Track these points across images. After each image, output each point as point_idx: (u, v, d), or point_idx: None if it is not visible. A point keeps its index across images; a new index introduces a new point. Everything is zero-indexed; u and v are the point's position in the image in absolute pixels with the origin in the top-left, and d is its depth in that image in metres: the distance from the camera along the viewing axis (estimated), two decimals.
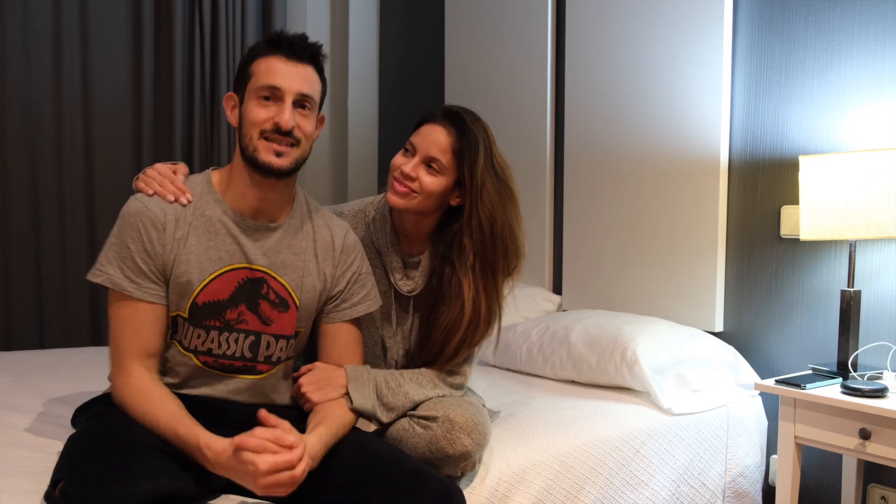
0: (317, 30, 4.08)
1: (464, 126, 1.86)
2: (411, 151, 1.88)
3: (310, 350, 1.89)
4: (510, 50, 3.43)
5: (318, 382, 1.73)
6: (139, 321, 1.63)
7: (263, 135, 1.65)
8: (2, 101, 3.21)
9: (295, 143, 1.67)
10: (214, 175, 1.76)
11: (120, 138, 3.50)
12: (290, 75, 1.64)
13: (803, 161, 2.25)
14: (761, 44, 2.58)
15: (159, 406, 1.54)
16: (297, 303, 1.75)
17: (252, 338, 1.72)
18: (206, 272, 1.66)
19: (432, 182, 1.85)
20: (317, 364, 1.78)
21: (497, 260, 1.87)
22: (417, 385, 1.83)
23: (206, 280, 1.66)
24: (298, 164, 1.70)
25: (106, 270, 1.62)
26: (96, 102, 3.43)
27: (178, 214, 1.67)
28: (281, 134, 1.64)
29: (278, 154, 1.65)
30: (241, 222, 1.70)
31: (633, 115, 2.92)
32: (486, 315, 1.88)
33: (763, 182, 2.59)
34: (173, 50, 3.55)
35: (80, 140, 3.39)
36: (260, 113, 1.64)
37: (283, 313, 1.74)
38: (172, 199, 1.68)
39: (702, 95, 2.68)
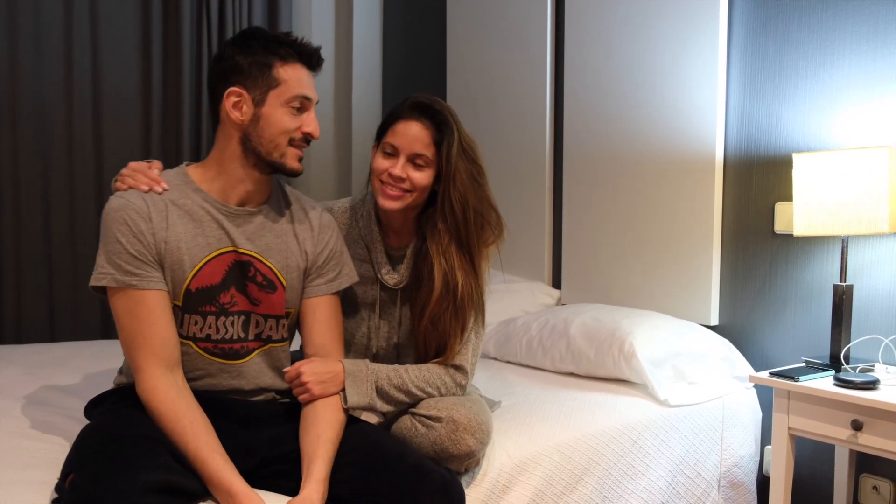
0: (321, 30, 4.11)
1: (438, 116, 1.88)
2: (393, 153, 1.88)
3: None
4: (510, 50, 3.46)
5: (320, 374, 1.71)
6: (152, 313, 1.61)
7: (293, 142, 1.71)
8: (14, 100, 3.25)
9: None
10: (190, 170, 1.76)
11: (129, 136, 3.53)
12: (312, 85, 1.74)
13: (797, 158, 2.26)
14: (756, 44, 2.60)
15: (190, 431, 1.52)
16: (284, 283, 1.77)
17: (243, 317, 1.74)
18: (196, 258, 1.67)
19: (422, 177, 1.87)
20: (314, 358, 1.77)
21: (472, 238, 1.89)
22: (423, 382, 1.83)
23: (198, 266, 1.67)
24: None
25: (107, 271, 1.61)
26: (106, 102, 3.46)
27: (159, 205, 1.67)
28: (305, 141, 1.73)
29: (300, 159, 1.74)
30: (222, 209, 1.72)
31: (630, 114, 2.94)
32: (461, 291, 1.87)
33: (757, 179, 2.61)
34: (181, 49, 3.59)
35: (90, 138, 3.43)
36: (292, 122, 1.70)
37: (270, 294, 1.75)
38: (146, 188, 1.68)
39: (698, 94, 2.71)
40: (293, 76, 1.69)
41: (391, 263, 1.99)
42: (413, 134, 1.86)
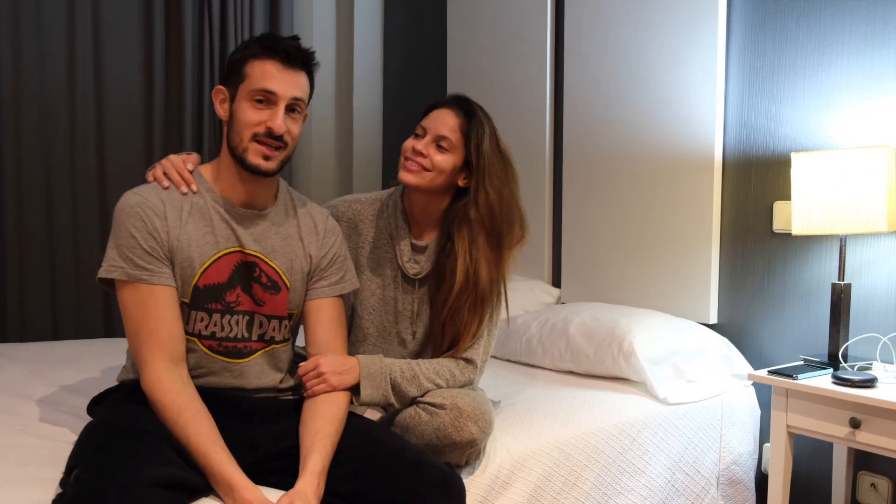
0: (322, 32, 4.12)
1: (471, 108, 1.96)
2: (422, 134, 1.96)
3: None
4: (511, 51, 3.47)
5: (338, 366, 1.75)
6: (160, 308, 1.64)
7: (255, 137, 1.69)
8: (17, 101, 3.27)
9: (283, 146, 1.72)
10: (202, 169, 1.80)
11: (131, 136, 3.55)
12: (285, 81, 1.69)
13: (795, 158, 2.27)
14: (754, 44, 2.61)
15: (193, 424, 1.54)
16: (288, 285, 1.80)
17: (247, 318, 1.76)
18: (205, 256, 1.70)
19: (442, 159, 1.93)
20: (328, 353, 1.80)
21: (503, 231, 1.95)
22: (434, 374, 1.87)
23: (207, 263, 1.70)
24: (284, 164, 1.76)
25: (118, 264, 1.64)
26: (108, 102, 3.49)
27: (174, 203, 1.71)
28: (272, 138, 1.69)
29: (266, 157, 1.70)
30: (231, 210, 1.75)
31: (630, 114, 2.96)
32: (483, 284, 1.92)
33: (756, 178, 2.62)
34: (183, 49, 3.60)
35: (92, 138, 3.45)
36: (253, 115, 1.69)
37: (274, 295, 1.78)
38: (167, 185, 1.73)
39: (697, 94, 2.72)
40: (259, 70, 1.69)
41: (413, 253, 2.03)
42: (442, 119, 1.95)
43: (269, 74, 1.68)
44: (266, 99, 1.69)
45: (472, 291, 1.92)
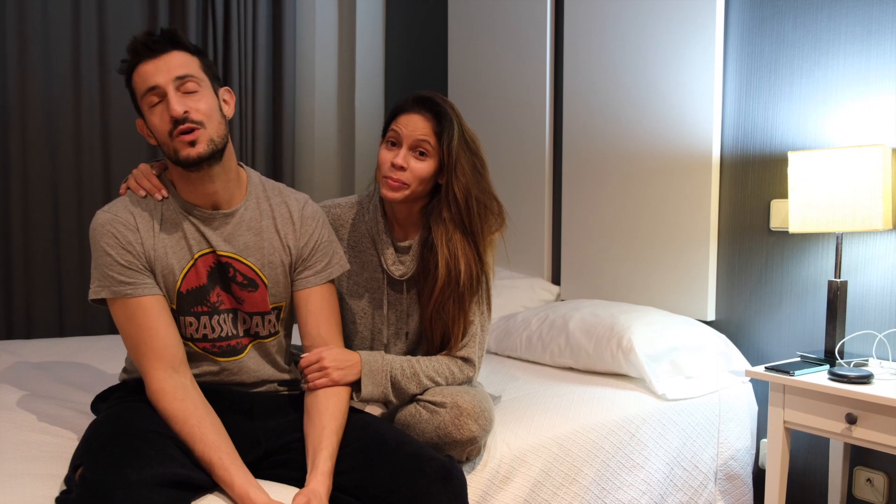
0: (325, 31, 4.12)
1: (438, 108, 1.92)
2: (397, 144, 1.92)
3: None
4: (511, 50, 3.49)
5: (340, 362, 1.76)
6: (149, 318, 1.65)
7: (172, 135, 1.64)
8: (24, 100, 3.29)
9: (198, 126, 1.64)
10: (168, 174, 1.78)
11: (136, 137, 3.55)
12: (158, 69, 1.63)
13: (792, 157, 2.29)
14: (752, 44, 2.63)
15: (198, 432, 1.55)
16: (266, 281, 1.78)
17: (232, 315, 1.77)
18: (183, 261, 1.71)
19: (422, 167, 1.91)
20: (332, 346, 1.80)
21: (476, 226, 1.93)
22: (434, 372, 1.88)
23: (186, 268, 1.71)
24: (217, 145, 1.68)
25: (102, 284, 1.66)
26: (113, 102, 3.50)
27: (144, 215, 1.70)
28: (181, 123, 1.63)
29: (192, 143, 1.64)
30: (198, 213, 1.73)
31: (629, 112, 2.97)
32: (463, 278, 1.91)
33: (753, 177, 2.63)
34: None
35: (97, 138, 3.47)
36: (156, 119, 1.65)
37: (252, 293, 1.77)
38: (143, 194, 1.72)
39: (695, 93, 2.73)
40: (137, 79, 1.66)
41: (397, 255, 2.02)
42: (414, 125, 1.91)
43: (145, 73, 1.64)
44: (157, 97, 1.64)
45: (455, 286, 1.91)
